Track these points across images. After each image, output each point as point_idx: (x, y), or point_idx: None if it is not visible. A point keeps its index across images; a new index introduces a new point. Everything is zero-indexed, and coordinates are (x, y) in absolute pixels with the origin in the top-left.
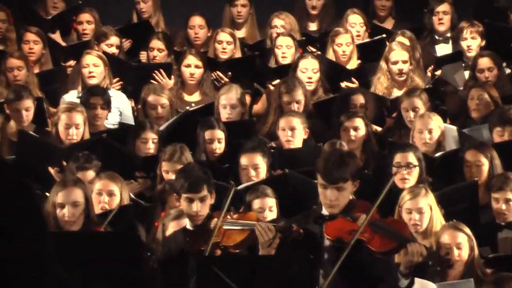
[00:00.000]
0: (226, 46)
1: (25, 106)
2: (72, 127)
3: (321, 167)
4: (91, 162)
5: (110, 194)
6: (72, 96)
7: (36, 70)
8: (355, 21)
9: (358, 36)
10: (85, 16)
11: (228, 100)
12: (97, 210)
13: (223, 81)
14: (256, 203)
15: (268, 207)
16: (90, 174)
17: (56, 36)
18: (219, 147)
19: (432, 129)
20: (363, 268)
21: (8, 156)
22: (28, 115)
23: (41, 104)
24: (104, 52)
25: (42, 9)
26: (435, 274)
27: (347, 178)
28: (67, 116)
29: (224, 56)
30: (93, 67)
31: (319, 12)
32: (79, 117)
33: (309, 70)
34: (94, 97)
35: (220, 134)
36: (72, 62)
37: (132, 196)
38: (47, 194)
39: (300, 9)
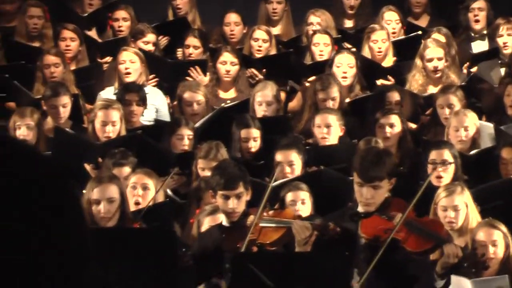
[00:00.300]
0: (262, 44)
1: (62, 102)
2: (109, 124)
3: (358, 165)
4: (127, 159)
5: (145, 187)
6: (108, 92)
7: (73, 67)
8: (390, 18)
9: (393, 33)
10: (121, 13)
11: (264, 97)
12: (131, 203)
13: (257, 78)
14: (289, 196)
15: (301, 199)
16: (126, 170)
17: (92, 33)
18: (254, 146)
19: (468, 126)
20: (398, 268)
21: (45, 152)
22: (65, 112)
23: (77, 100)
24: (140, 49)
25: (78, 6)
26: (470, 274)
27: (384, 176)
28: (103, 113)
29: (259, 54)
30: (130, 63)
31: (356, 11)
32: (115, 114)
33: (344, 65)
34: (130, 94)
35: (255, 132)
36: (108, 59)
37: (169, 192)
38: (83, 191)
39: (336, 8)
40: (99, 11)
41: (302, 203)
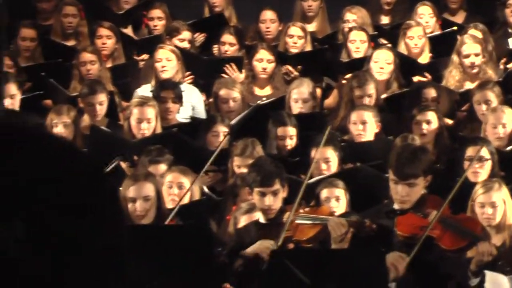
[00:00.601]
0: (297, 40)
1: (99, 100)
2: (144, 121)
3: (393, 163)
4: (163, 156)
5: (180, 186)
6: (145, 90)
7: (109, 65)
8: (423, 12)
9: (427, 27)
10: (156, 12)
11: (300, 94)
12: (167, 202)
13: (292, 75)
14: (324, 193)
15: (335, 196)
16: (162, 167)
17: (128, 31)
18: (290, 144)
19: (506, 123)
20: (433, 265)
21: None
22: (101, 109)
23: (113, 98)
24: (176, 46)
25: (114, 4)
26: (505, 271)
27: (419, 174)
28: (139, 111)
29: (294, 50)
30: (166, 61)
31: (392, 7)
32: (150, 112)
33: (381, 61)
34: (166, 91)
35: (292, 130)
36: (145, 56)
37: (205, 189)
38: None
39: (372, 4)
40: (135, 9)
41: (337, 200)
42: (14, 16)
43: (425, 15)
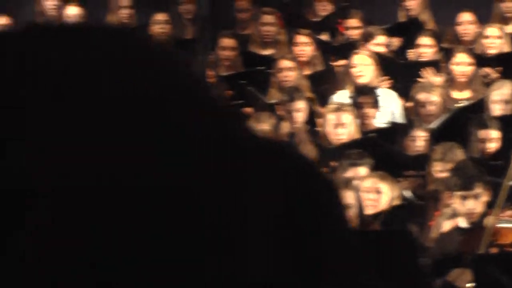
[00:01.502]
0: (494, 40)
1: (298, 107)
2: (340, 126)
3: None
4: (363, 159)
5: (378, 192)
6: (341, 96)
7: (307, 71)
8: None
9: None
10: (352, 22)
11: (501, 96)
12: (366, 207)
13: (491, 77)
14: None
15: None
16: (362, 171)
17: (324, 38)
18: (492, 146)
19: None
20: None
21: None
22: (300, 116)
23: (311, 105)
24: (372, 51)
25: (311, 11)
26: None
27: None
28: (335, 116)
29: (492, 51)
30: (363, 66)
31: None
32: (346, 117)
33: None
34: (363, 96)
35: (494, 133)
36: (342, 62)
37: (406, 194)
38: None
39: None
40: (331, 16)
41: None
42: (215, 27)
43: None
